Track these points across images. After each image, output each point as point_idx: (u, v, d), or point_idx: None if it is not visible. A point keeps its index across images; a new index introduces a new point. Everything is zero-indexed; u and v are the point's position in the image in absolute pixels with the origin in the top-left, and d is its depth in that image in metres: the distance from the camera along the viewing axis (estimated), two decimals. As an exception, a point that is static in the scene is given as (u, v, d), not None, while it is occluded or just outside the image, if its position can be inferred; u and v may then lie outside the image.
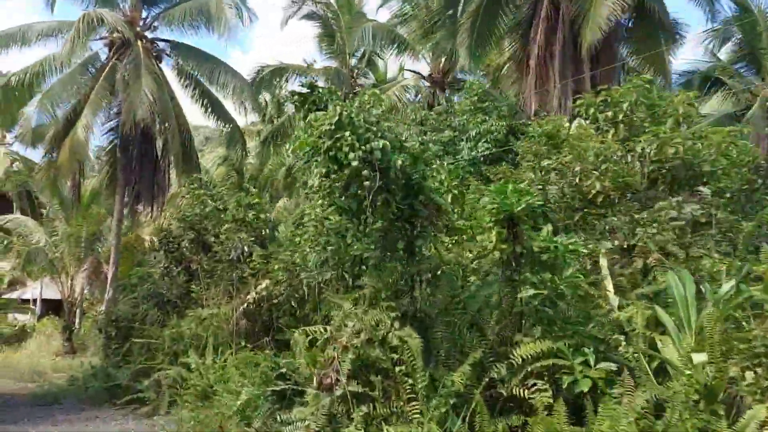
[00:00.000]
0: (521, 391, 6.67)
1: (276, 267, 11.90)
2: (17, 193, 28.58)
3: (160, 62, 19.83)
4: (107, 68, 18.55)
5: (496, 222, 6.80)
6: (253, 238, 13.11)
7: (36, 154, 43.27)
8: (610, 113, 10.30)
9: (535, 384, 6.65)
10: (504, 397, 6.80)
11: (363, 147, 6.09)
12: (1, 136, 30.21)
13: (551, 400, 6.36)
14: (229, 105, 21.48)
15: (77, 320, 27.63)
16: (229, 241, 12.94)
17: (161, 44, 20.25)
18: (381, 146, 6.08)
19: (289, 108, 28.57)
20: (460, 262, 7.77)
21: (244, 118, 23.53)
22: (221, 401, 9.62)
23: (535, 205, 6.74)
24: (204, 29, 19.62)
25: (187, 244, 13.75)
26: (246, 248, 11.90)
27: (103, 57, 19.28)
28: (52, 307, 34.59)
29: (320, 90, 8.40)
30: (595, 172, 9.07)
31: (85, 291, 26.98)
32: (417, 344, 6.64)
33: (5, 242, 25.31)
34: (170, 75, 20.79)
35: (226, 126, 20.82)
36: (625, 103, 10.18)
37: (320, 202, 9.07)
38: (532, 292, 6.68)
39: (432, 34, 19.36)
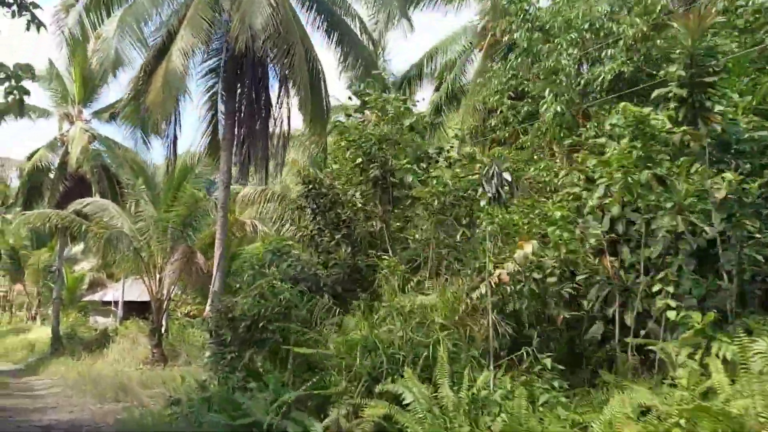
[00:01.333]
0: None
1: (560, 213, 6.28)
2: (96, 175, 24.43)
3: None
4: (210, -25, 13.56)
5: None
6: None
7: (111, 130, 39.76)
8: None
9: None
10: None
11: None
12: (78, 111, 26.25)
13: None
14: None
15: (164, 322, 23.18)
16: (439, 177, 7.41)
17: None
18: None
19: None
20: None
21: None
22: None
23: None
24: None
25: (364, 189, 8.32)
26: (509, 178, 6.30)
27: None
28: (134, 309, 30.99)
29: None
30: None
31: (173, 287, 22.35)
32: None
33: (83, 227, 21.01)
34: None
35: (358, 63, 15.42)
36: None
37: None
38: None
39: None
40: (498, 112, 10.67)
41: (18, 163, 26.08)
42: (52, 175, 25.31)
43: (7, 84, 9.80)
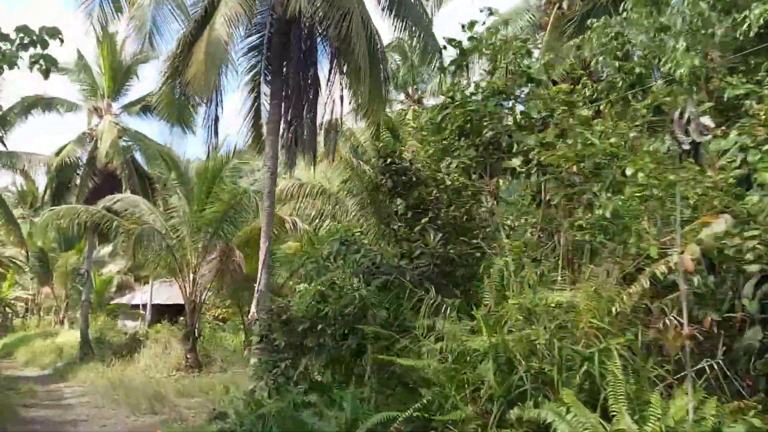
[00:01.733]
0: None
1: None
2: (126, 170, 23.17)
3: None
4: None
5: None
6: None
7: (141, 124, 38.57)
8: None
9: None
10: None
11: None
12: (107, 105, 25.08)
13: None
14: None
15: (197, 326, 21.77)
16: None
17: None
18: None
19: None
20: None
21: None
22: None
23: None
24: None
25: (472, 155, 6.65)
26: (712, 124, 4.61)
27: None
28: (162, 312, 29.88)
29: None
30: None
31: (208, 289, 20.91)
32: None
33: (113, 223, 19.74)
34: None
35: (419, 35, 13.77)
36: None
37: None
38: None
39: None
40: (604, 76, 8.95)
41: (45, 159, 24.99)
42: (80, 172, 24.15)
43: (32, 50, 8.28)
